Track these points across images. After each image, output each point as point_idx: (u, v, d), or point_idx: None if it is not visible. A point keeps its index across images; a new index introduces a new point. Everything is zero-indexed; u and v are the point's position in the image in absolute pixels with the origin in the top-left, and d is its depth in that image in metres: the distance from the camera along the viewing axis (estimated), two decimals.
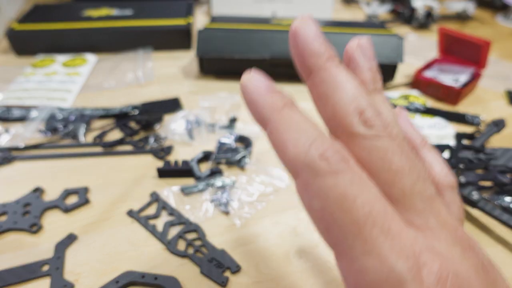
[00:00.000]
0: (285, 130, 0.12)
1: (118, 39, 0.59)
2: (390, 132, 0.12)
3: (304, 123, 0.12)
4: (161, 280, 0.27)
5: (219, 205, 0.33)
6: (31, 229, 0.31)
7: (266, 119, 0.13)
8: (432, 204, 0.12)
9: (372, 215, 0.11)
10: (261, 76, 0.14)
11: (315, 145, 0.11)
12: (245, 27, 0.53)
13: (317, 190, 0.11)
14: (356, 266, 0.11)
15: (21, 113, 0.45)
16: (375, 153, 0.12)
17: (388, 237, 0.10)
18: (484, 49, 0.48)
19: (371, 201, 0.11)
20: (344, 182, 0.11)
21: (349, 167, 0.11)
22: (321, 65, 0.13)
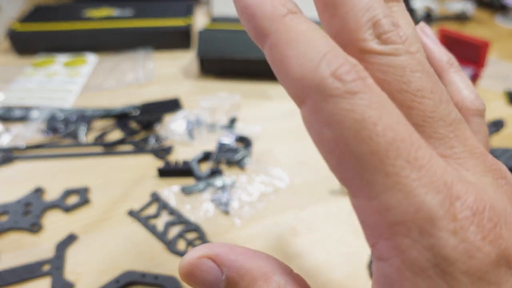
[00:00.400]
0: (289, 43, 0.10)
1: (118, 39, 0.59)
2: (409, 47, 0.11)
3: (312, 33, 0.10)
4: (161, 279, 0.27)
5: (219, 205, 0.34)
6: (31, 229, 0.31)
7: (265, 32, 0.10)
8: (457, 129, 0.11)
9: (395, 143, 0.09)
10: None
11: (326, 61, 0.09)
12: None
13: (329, 116, 0.09)
14: (377, 204, 0.09)
15: (22, 113, 0.45)
16: (392, 71, 0.10)
17: (415, 167, 0.09)
18: (483, 49, 0.48)
19: (394, 126, 0.09)
20: (362, 104, 0.09)
21: (367, 86, 0.09)
22: None
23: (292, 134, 0.43)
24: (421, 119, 0.10)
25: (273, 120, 0.46)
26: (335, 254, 0.30)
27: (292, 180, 0.37)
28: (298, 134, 0.43)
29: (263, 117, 0.46)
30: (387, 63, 0.10)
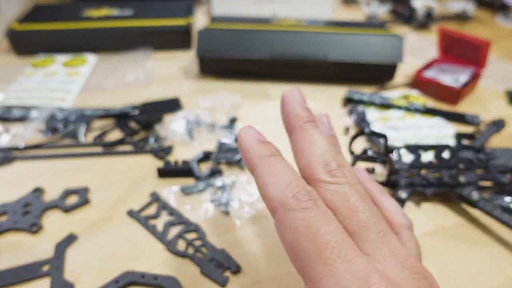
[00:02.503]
0: (268, 174, 0.15)
1: (118, 39, 0.59)
2: (349, 180, 0.16)
3: (284, 169, 0.15)
4: (161, 280, 0.27)
5: (219, 205, 0.34)
6: (31, 229, 0.31)
7: (254, 165, 0.16)
8: (384, 236, 0.14)
9: (331, 243, 0.13)
10: (254, 129, 0.17)
11: (290, 187, 0.14)
12: (245, 27, 0.53)
13: (289, 223, 0.14)
14: (317, 287, 0.13)
15: (21, 113, 0.45)
16: (337, 194, 0.15)
17: (344, 261, 0.13)
18: (484, 49, 0.48)
19: (332, 232, 0.13)
20: (310, 216, 0.13)
21: (315, 204, 0.14)
22: (301, 125, 0.17)
23: None
24: (357, 227, 0.14)
25: (273, 120, 0.46)
26: None
27: None
28: None
29: (263, 117, 0.46)
30: (334, 188, 0.15)
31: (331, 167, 0.16)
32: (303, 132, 0.17)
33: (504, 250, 0.30)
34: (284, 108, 0.19)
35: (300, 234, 0.13)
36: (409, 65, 0.56)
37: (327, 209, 0.14)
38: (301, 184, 0.15)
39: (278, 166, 0.16)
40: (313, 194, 0.14)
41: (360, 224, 0.14)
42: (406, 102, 0.48)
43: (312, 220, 0.13)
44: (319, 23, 0.58)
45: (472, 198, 0.32)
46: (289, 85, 0.53)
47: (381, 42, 0.51)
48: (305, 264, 0.13)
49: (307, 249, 0.13)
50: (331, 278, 0.12)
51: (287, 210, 0.14)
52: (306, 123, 0.17)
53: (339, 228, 0.14)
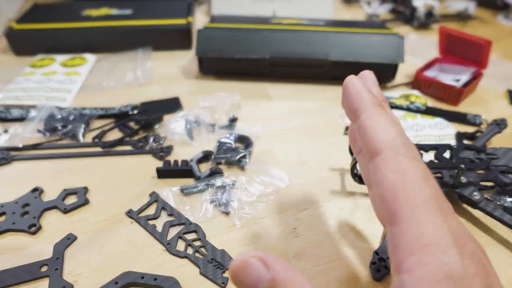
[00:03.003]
0: (380, 120, 0.16)
1: (117, 38, 0.59)
2: (416, 155, 0.16)
3: (393, 120, 0.16)
4: (160, 280, 0.27)
5: (219, 206, 0.33)
6: (30, 230, 0.31)
7: (363, 109, 0.17)
8: (453, 214, 0.15)
9: (435, 196, 0.14)
10: (361, 80, 0.18)
11: (400, 137, 0.15)
12: (245, 27, 0.53)
13: (397, 166, 0.14)
14: (413, 229, 0.13)
15: (20, 113, 0.45)
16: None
17: (443, 214, 0.14)
18: (485, 48, 0.48)
19: (436, 187, 0.14)
20: (420, 166, 0.15)
21: (420, 160, 0.15)
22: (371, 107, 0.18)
23: (292, 134, 0.43)
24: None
25: (273, 120, 0.46)
26: (336, 255, 0.29)
27: (292, 180, 0.37)
28: (298, 134, 0.43)
29: (263, 117, 0.46)
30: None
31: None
32: (374, 112, 0.17)
33: (505, 251, 0.30)
34: (352, 91, 0.18)
35: (407, 179, 0.14)
36: (409, 64, 0.56)
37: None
38: (408, 139, 0.16)
39: (388, 116, 0.16)
40: (417, 151, 0.16)
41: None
42: (407, 102, 0.48)
43: (421, 170, 0.14)
44: (319, 23, 0.58)
45: (474, 199, 0.32)
46: (289, 85, 0.53)
47: (382, 42, 0.50)
48: (403, 206, 0.14)
49: (412, 193, 0.14)
50: (431, 224, 0.13)
51: (396, 154, 0.15)
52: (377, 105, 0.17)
53: (438, 186, 0.15)
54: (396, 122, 0.16)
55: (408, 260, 0.13)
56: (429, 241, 0.13)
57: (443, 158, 0.34)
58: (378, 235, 0.31)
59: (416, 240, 0.13)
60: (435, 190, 0.14)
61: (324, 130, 0.44)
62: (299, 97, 0.50)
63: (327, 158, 0.39)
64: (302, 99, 0.50)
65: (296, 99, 0.50)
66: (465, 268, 0.12)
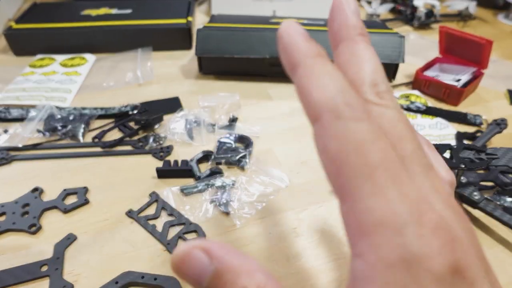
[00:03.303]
0: (316, 75, 0.13)
1: (117, 38, 0.59)
2: (396, 105, 0.14)
3: (334, 72, 0.13)
4: (160, 280, 0.27)
5: (219, 206, 0.33)
6: (30, 230, 0.31)
7: (298, 63, 0.14)
8: (428, 171, 0.13)
9: (385, 161, 0.11)
10: (301, 27, 0.14)
11: (342, 93, 0.12)
12: (244, 26, 0.53)
13: (337, 132, 0.12)
14: (361, 206, 0.11)
15: (19, 113, 0.45)
16: (385, 118, 0.13)
17: (396, 182, 0.11)
18: (486, 48, 0.48)
19: (386, 149, 0.12)
20: (363, 128, 0.12)
21: (370, 117, 0.12)
22: (352, 37, 0.15)
23: (292, 134, 0.43)
24: (402, 156, 0.13)
25: (273, 120, 0.46)
26: (336, 255, 0.29)
27: (292, 180, 0.37)
28: (298, 134, 0.43)
29: (263, 117, 0.46)
30: (380, 111, 0.13)
31: (380, 88, 0.14)
32: (353, 44, 0.15)
33: (506, 251, 0.30)
34: (334, 16, 0.16)
35: (350, 146, 0.11)
36: (409, 64, 0.56)
37: (380, 126, 0.12)
38: (354, 93, 0.13)
39: (327, 68, 0.13)
40: (366, 107, 0.13)
41: (406, 154, 0.13)
42: (407, 102, 0.47)
43: (365, 133, 0.12)
44: (319, 22, 0.58)
45: (474, 199, 0.32)
46: (289, 85, 0.53)
47: (382, 41, 0.50)
48: (348, 180, 0.11)
49: (355, 163, 0.11)
50: (380, 198, 0.11)
51: (336, 117, 0.12)
52: (359, 35, 0.15)
53: (390, 148, 0.12)
54: (339, 75, 0.13)
55: (359, 243, 0.11)
56: (380, 218, 0.11)
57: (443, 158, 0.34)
58: None
59: (365, 219, 0.11)
60: (386, 153, 0.12)
61: None
62: None
63: None
64: None
65: (296, 99, 0.49)
66: (423, 247, 0.11)
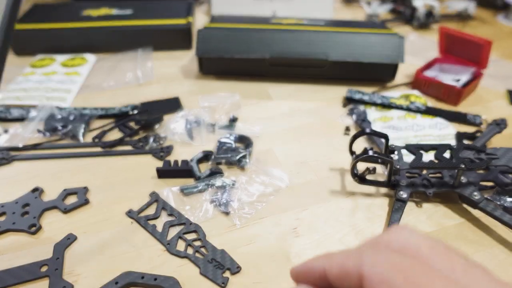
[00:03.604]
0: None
1: (117, 38, 0.59)
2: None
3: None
4: (160, 280, 0.27)
5: (219, 206, 0.33)
6: (30, 230, 0.31)
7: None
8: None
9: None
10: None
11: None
12: (245, 27, 0.53)
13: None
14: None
15: (20, 113, 0.45)
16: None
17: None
18: (486, 48, 0.48)
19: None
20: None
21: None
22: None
23: (292, 134, 0.43)
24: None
25: (273, 120, 0.46)
26: None
27: (292, 180, 0.37)
28: (298, 134, 0.43)
29: (263, 117, 0.46)
30: None
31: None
32: None
33: (505, 251, 0.30)
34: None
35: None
36: (409, 64, 0.56)
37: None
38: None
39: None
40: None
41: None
42: (407, 102, 0.48)
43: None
44: (319, 23, 0.58)
45: (474, 199, 0.32)
46: (289, 85, 0.53)
47: (382, 42, 0.50)
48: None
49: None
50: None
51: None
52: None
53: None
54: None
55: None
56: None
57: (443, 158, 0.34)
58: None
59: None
60: None
61: (324, 130, 0.44)
62: (299, 97, 0.50)
63: (327, 158, 0.39)
64: (302, 99, 0.50)
65: (296, 99, 0.50)
66: None
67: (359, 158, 0.31)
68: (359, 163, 0.33)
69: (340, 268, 0.15)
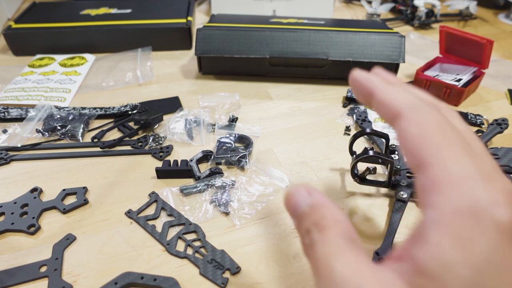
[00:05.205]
0: (394, 90, 0.17)
1: (117, 38, 0.59)
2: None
3: (409, 90, 0.18)
4: (160, 281, 0.27)
5: (219, 206, 0.33)
6: (29, 230, 0.31)
7: (375, 88, 0.18)
8: (487, 152, 0.16)
9: (459, 139, 0.15)
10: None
11: (418, 100, 0.16)
12: (244, 26, 0.53)
13: (418, 119, 0.15)
14: (439, 169, 0.14)
15: (18, 112, 0.44)
16: (448, 115, 0.18)
17: (468, 154, 0.14)
18: (487, 48, 0.48)
19: (457, 131, 0.15)
20: (439, 118, 0.15)
21: (440, 111, 0.16)
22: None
23: (292, 134, 0.43)
24: (467, 139, 0.16)
25: (273, 120, 0.46)
26: None
27: (292, 180, 0.36)
28: (298, 134, 0.43)
29: (263, 117, 0.46)
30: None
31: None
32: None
33: None
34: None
35: (431, 128, 0.15)
36: (410, 64, 0.56)
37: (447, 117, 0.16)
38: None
39: (401, 88, 0.17)
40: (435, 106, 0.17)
41: (468, 138, 0.16)
42: None
43: (441, 120, 0.15)
44: (319, 22, 0.58)
45: None
46: (289, 85, 0.53)
47: (382, 41, 0.50)
48: (426, 152, 0.14)
49: (437, 139, 0.14)
50: (456, 162, 0.14)
51: (417, 110, 0.15)
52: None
53: (459, 131, 0.15)
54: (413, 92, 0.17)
55: (433, 197, 0.13)
56: (454, 178, 0.13)
57: None
58: (378, 236, 0.31)
59: (441, 179, 0.13)
60: (458, 133, 0.15)
61: (324, 130, 0.44)
62: (299, 97, 0.50)
63: (327, 158, 0.39)
64: (302, 99, 0.50)
65: (296, 99, 0.50)
66: (490, 199, 0.12)
67: (359, 158, 0.31)
68: (359, 163, 0.33)
69: (386, 99, 0.17)
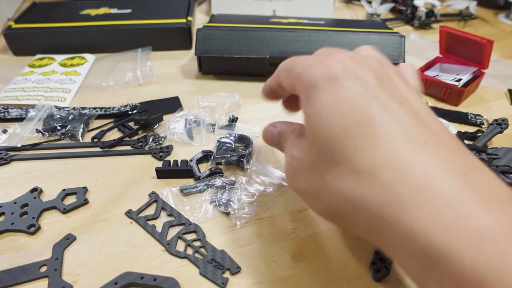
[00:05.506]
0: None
1: (117, 38, 0.59)
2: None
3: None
4: (160, 281, 0.27)
5: (219, 206, 0.33)
6: (28, 230, 0.31)
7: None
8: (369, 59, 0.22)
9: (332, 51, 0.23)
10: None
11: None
12: (244, 26, 0.53)
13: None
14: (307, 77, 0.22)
15: (18, 112, 0.44)
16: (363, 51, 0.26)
17: (330, 54, 0.22)
18: (487, 48, 0.48)
19: (342, 54, 0.22)
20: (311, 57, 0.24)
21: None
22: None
23: None
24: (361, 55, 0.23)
25: (273, 120, 0.45)
26: (336, 255, 0.29)
27: None
28: None
29: (263, 117, 0.46)
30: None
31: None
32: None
33: None
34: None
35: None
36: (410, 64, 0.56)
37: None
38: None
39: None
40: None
41: (364, 54, 0.24)
42: None
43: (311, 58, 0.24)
44: (319, 22, 0.58)
45: None
46: None
47: (382, 41, 0.50)
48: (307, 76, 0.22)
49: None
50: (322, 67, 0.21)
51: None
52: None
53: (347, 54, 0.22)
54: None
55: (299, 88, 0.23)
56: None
57: None
58: None
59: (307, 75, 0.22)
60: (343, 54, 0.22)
61: None
62: None
63: None
64: None
65: None
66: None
67: None
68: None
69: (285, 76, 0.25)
